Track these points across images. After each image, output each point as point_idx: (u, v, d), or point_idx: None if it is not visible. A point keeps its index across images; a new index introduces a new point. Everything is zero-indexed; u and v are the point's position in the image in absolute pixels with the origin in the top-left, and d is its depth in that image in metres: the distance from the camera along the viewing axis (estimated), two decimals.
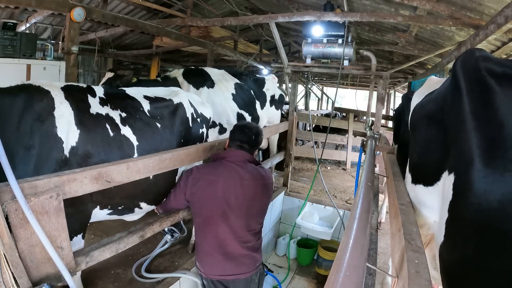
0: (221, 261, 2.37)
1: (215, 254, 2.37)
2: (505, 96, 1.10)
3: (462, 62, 1.29)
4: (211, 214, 2.34)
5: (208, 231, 2.37)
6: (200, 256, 2.44)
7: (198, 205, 2.39)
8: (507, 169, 1.04)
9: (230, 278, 2.40)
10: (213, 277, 2.41)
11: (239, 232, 2.36)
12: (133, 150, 2.29)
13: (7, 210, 1.39)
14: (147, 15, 7.70)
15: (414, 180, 1.77)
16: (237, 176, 2.36)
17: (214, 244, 2.36)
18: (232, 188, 2.33)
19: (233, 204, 2.33)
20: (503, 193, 1.04)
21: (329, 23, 4.56)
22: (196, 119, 2.94)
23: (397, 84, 14.13)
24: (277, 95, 5.02)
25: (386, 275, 2.71)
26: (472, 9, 3.76)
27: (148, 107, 2.53)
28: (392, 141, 3.99)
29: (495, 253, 1.06)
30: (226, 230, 2.34)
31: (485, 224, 1.07)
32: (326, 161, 8.20)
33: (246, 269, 2.42)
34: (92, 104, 2.17)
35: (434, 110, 1.59)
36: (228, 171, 2.37)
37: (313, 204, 4.89)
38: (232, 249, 2.36)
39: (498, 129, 1.08)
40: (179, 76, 4.00)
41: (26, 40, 4.58)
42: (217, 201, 2.32)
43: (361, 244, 0.97)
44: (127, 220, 2.59)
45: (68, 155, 1.94)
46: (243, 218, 2.36)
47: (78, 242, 2.08)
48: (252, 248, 2.44)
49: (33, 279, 1.54)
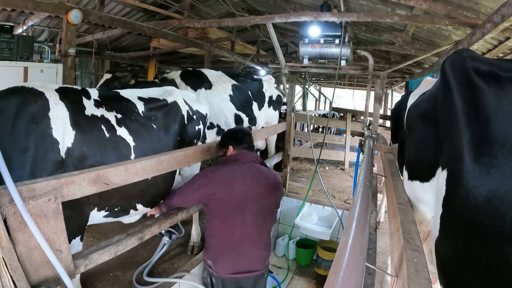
0: (235, 260, 2.43)
1: (230, 253, 2.42)
2: (492, 94, 1.13)
3: (451, 62, 1.33)
4: (229, 214, 2.39)
5: (225, 230, 2.42)
6: (211, 255, 2.47)
7: (215, 206, 2.41)
8: (493, 165, 1.07)
9: (242, 276, 2.45)
10: (225, 276, 2.44)
11: (255, 230, 2.45)
12: (130, 150, 2.30)
13: (5, 213, 1.39)
14: (144, 17, 7.69)
15: (411, 176, 1.83)
16: (254, 176, 2.46)
17: (229, 243, 2.42)
18: (250, 188, 2.41)
19: (250, 203, 2.40)
20: (489, 188, 1.07)
21: (326, 23, 4.56)
22: (192, 116, 2.95)
23: (395, 83, 14.17)
24: (275, 96, 5.03)
25: (386, 275, 2.71)
26: (469, 8, 3.78)
27: (142, 108, 2.55)
28: (389, 140, 4.00)
29: (482, 248, 1.08)
30: (242, 229, 2.40)
31: (474, 219, 1.10)
32: (324, 161, 8.21)
33: (258, 266, 2.51)
34: (87, 106, 2.18)
35: (427, 109, 1.65)
36: (244, 172, 2.45)
37: (311, 204, 4.89)
38: (247, 247, 2.44)
39: (485, 126, 1.11)
40: (177, 78, 4.01)
41: (23, 42, 4.56)
42: (235, 201, 2.38)
43: (360, 244, 0.97)
44: (124, 222, 2.59)
45: (64, 156, 1.94)
46: (259, 216, 2.45)
47: (76, 245, 2.08)
48: (265, 246, 2.55)
49: (32, 283, 1.53)
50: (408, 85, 9.94)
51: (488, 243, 1.07)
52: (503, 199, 1.04)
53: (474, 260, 1.11)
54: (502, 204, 1.04)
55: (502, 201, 1.04)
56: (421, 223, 1.77)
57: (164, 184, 2.64)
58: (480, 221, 1.08)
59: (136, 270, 2.98)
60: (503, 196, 1.04)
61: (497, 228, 1.04)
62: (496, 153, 1.07)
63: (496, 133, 1.09)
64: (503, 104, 1.11)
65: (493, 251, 1.05)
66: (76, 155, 2.00)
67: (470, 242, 1.13)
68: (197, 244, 3.51)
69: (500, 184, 1.05)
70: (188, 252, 3.45)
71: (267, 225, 2.54)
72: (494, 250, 1.05)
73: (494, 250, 1.05)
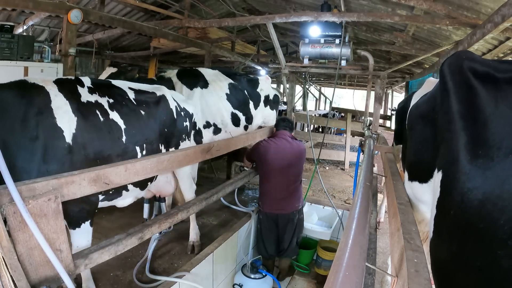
0: (274, 200, 3.70)
1: (271, 195, 3.71)
2: (488, 96, 1.13)
3: (449, 64, 1.33)
4: (272, 168, 3.64)
5: (269, 180, 3.69)
6: (261, 196, 3.83)
7: (264, 162, 3.67)
8: (488, 168, 1.06)
9: (278, 212, 3.72)
10: (268, 211, 3.73)
11: (287, 181, 3.68)
12: (121, 133, 2.38)
13: (6, 213, 1.39)
14: (144, 16, 7.69)
15: (411, 177, 1.84)
16: (289, 146, 3.72)
17: (271, 188, 3.69)
18: (288, 153, 3.69)
19: (286, 163, 3.65)
20: (483, 192, 1.06)
21: (326, 23, 4.56)
22: (180, 112, 3.05)
23: (395, 83, 14.18)
24: (272, 95, 5.01)
25: (386, 275, 2.70)
26: (469, 8, 3.78)
27: (133, 95, 2.64)
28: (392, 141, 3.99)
29: (475, 251, 1.07)
30: (279, 179, 3.66)
31: (467, 222, 1.09)
32: (324, 161, 8.21)
33: (288, 208, 3.74)
34: (82, 93, 2.28)
35: (427, 110, 1.65)
36: (283, 143, 3.73)
37: (312, 204, 4.89)
38: (282, 193, 3.69)
39: (481, 128, 1.11)
40: (174, 77, 4.00)
41: (24, 42, 4.56)
42: (277, 161, 3.63)
43: (360, 244, 0.97)
44: (118, 205, 2.65)
45: (71, 143, 2.02)
46: (290, 172, 3.69)
47: (86, 230, 2.17)
48: (295, 193, 3.78)
49: (32, 282, 1.53)
50: (409, 85, 9.93)
51: (481, 246, 1.06)
52: (496, 202, 1.03)
53: (467, 263, 1.09)
54: (495, 208, 1.03)
55: (495, 205, 1.03)
56: (421, 222, 1.78)
57: None
58: (473, 224, 1.07)
59: (135, 267, 2.98)
60: (496, 199, 1.03)
61: (490, 232, 1.03)
62: (492, 155, 1.06)
63: (492, 135, 1.08)
64: (499, 106, 1.10)
65: (486, 255, 1.04)
66: (80, 140, 2.09)
67: (463, 245, 1.12)
68: (197, 243, 3.49)
69: (494, 187, 1.04)
70: (188, 251, 3.43)
71: (297, 178, 3.78)
72: (487, 253, 1.04)
73: (487, 253, 1.04)
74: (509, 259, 1.01)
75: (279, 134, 3.84)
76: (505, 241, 1.01)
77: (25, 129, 1.85)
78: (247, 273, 3.59)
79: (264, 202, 3.74)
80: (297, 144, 3.80)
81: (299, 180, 3.84)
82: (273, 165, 3.63)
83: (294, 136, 3.97)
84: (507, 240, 1.01)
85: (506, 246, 1.01)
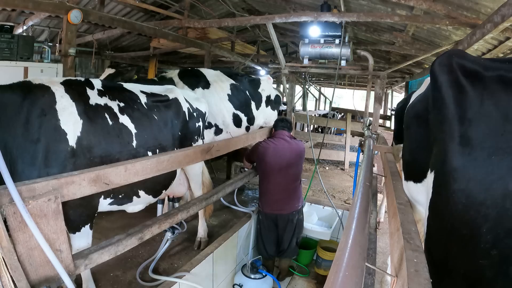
0: (274, 200, 3.71)
1: (270, 195, 3.72)
2: (475, 95, 1.12)
3: (439, 63, 1.31)
4: (271, 169, 3.66)
5: (269, 180, 3.71)
6: (261, 197, 3.84)
7: (263, 163, 3.69)
8: (472, 168, 1.05)
9: (278, 213, 3.73)
10: (267, 212, 3.75)
11: (286, 181, 3.70)
12: (132, 137, 2.35)
13: (5, 213, 1.39)
14: (144, 17, 7.69)
15: (406, 177, 1.83)
16: (288, 146, 3.73)
17: (270, 188, 3.70)
18: (287, 152, 3.69)
19: (285, 163, 3.66)
20: (467, 195, 1.04)
21: (326, 23, 4.56)
22: (192, 113, 3.02)
23: (395, 84, 14.17)
24: (273, 96, 5.01)
25: (385, 275, 2.70)
26: (469, 8, 3.78)
27: (145, 99, 2.61)
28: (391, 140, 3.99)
29: (459, 257, 1.06)
30: (279, 180, 3.67)
31: (452, 226, 1.08)
32: (324, 161, 8.21)
33: (288, 208, 3.75)
34: (91, 96, 2.24)
35: (421, 110, 1.64)
36: (282, 143, 3.74)
37: (311, 204, 4.89)
38: (282, 193, 3.70)
39: (467, 128, 1.09)
40: (175, 77, 4.00)
41: (23, 42, 4.55)
42: (276, 161, 3.65)
43: (360, 244, 0.97)
44: (127, 211, 2.64)
45: (75, 146, 1.99)
46: (290, 172, 3.70)
47: (86, 233, 2.15)
48: (295, 193, 3.78)
49: (32, 282, 1.53)
50: (408, 85, 9.92)
51: (464, 253, 1.04)
52: (479, 209, 1.01)
53: (453, 270, 1.08)
54: (478, 215, 1.01)
55: (478, 212, 1.01)
56: (418, 222, 1.77)
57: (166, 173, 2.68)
58: (457, 230, 1.06)
59: (141, 265, 3.00)
60: (479, 206, 1.01)
61: (473, 239, 1.01)
62: (476, 156, 1.04)
63: (476, 135, 1.06)
64: (484, 105, 1.08)
65: (469, 263, 1.02)
66: (85, 143, 2.06)
67: (448, 250, 1.10)
68: (204, 239, 3.52)
69: (478, 191, 1.02)
70: (195, 247, 3.46)
71: (295, 178, 3.77)
72: (470, 262, 1.02)
73: (469, 262, 1.02)
74: (491, 269, 0.99)
75: (278, 134, 3.85)
76: (488, 251, 0.99)
77: (27, 131, 1.83)
78: (247, 273, 3.60)
79: (264, 202, 3.76)
80: (296, 144, 3.81)
81: (298, 180, 3.86)
82: (272, 165, 3.65)
83: (293, 136, 3.99)
84: (490, 250, 0.98)
85: (489, 256, 0.99)
